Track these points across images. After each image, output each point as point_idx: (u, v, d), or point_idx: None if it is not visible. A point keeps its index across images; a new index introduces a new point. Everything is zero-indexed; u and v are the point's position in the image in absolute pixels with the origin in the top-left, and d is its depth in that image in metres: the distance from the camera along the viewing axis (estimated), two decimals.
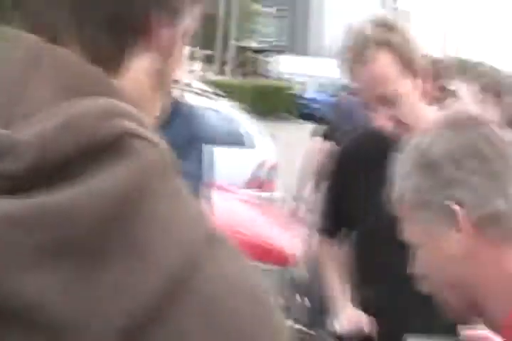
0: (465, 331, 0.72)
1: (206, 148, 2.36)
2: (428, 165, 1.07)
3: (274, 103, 20.83)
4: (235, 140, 6.05)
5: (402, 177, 1.11)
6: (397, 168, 1.13)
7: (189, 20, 0.61)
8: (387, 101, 1.76)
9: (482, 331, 0.72)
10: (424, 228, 1.08)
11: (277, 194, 5.97)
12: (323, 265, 2.11)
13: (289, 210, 4.34)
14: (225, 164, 5.58)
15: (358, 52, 1.74)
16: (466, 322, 1.09)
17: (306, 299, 2.00)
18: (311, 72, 32.27)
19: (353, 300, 1.95)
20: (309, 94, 24.10)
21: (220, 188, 4.35)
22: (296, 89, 24.17)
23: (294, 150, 12.59)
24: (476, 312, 1.06)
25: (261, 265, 2.50)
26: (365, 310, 1.87)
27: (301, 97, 23.74)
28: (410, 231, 1.12)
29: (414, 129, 1.77)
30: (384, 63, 1.74)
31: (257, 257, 3.07)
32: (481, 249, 1.03)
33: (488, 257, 1.03)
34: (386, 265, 1.88)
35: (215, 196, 3.75)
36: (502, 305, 1.02)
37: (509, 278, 1.02)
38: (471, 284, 1.04)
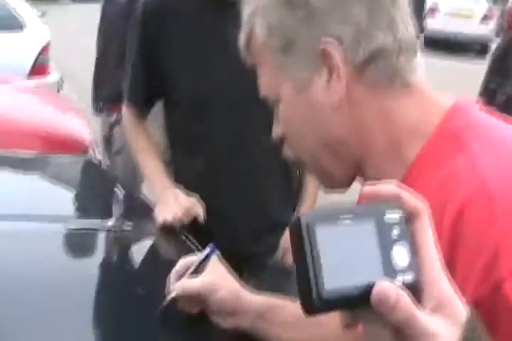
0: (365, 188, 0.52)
1: None
2: None
3: None
4: (9, 24, 5.65)
5: (253, 14, 0.86)
6: (246, 6, 0.88)
7: None
8: None
9: (385, 185, 0.51)
10: (286, 75, 0.84)
11: (53, 76, 5.70)
12: (133, 142, 1.91)
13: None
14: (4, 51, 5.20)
15: None
16: (346, 186, 0.91)
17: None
18: None
19: (171, 178, 1.80)
20: None
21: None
22: None
23: (67, 30, 11.96)
24: (358, 170, 0.87)
25: (56, 155, 2.42)
26: (187, 186, 1.74)
27: None
28: (267, 82, 0.88)
29: None
30: None
31: (48, 147, 2.97)
32: (361, 94, 0.82)
33: (369, 104, 0.82)
34: (204, 135, 1.79)
35: None
36: (390, 156, 0.83)
37: (395, 129, 0.82)
38: (350, 138, 0.84)
